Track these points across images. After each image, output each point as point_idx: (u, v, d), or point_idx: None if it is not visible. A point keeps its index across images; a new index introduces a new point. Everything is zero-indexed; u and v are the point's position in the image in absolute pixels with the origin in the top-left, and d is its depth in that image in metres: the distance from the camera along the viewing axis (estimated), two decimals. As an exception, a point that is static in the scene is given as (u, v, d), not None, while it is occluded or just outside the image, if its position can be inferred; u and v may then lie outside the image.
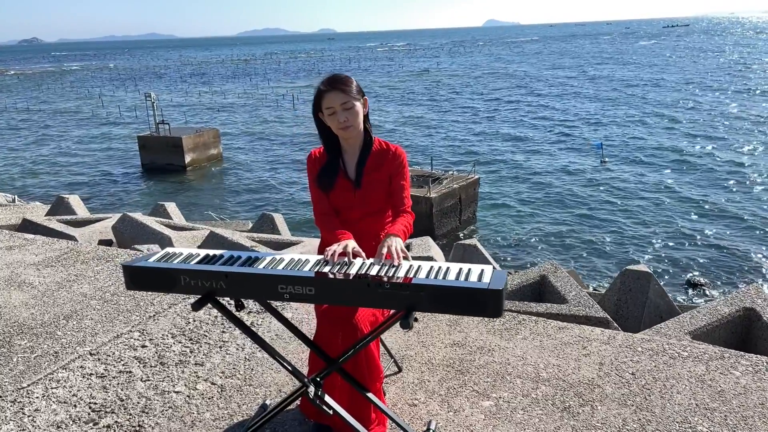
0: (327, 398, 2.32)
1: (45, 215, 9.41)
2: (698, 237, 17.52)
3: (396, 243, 2.21)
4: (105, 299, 4.08)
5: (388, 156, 2.57)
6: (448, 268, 2.13)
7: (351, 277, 2.07)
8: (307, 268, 2.18)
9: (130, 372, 3.14)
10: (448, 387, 2.91)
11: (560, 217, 19.73)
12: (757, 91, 46.11)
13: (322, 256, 2.25)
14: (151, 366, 3.20)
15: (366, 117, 2.56)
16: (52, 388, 3.02)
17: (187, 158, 28.68)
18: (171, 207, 9.66)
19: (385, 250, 2.18)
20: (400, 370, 3.07)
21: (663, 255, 16.29)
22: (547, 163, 27.32)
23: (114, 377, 3.10)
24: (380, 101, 51.05)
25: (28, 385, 3.04)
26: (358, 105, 2.46)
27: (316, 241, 8.57)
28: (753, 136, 30.80)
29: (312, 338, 2.50)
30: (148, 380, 3.06)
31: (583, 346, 3.26)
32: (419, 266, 2.16)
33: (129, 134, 37.95)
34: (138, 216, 8.64)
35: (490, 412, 2.70)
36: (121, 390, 2.98)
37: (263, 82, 72.26)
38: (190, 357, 3.27)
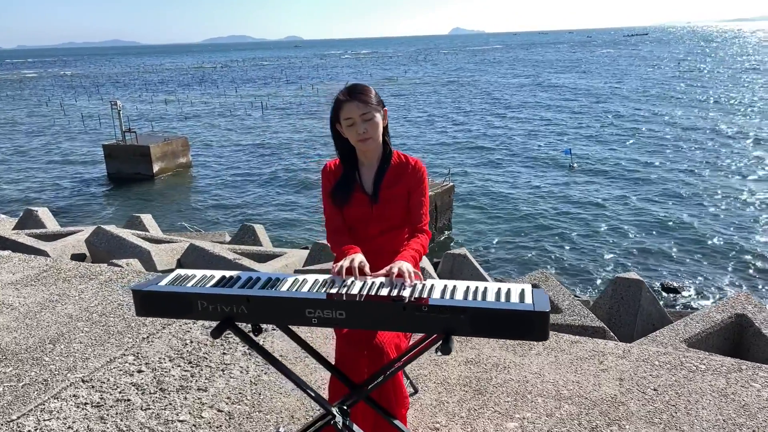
0: (355, 428, 2.18)
1: (12, 229, 9.02)
2: (671, 242, 17.82)
3: (405, 266, 2.09)
4: (93, 320, 3.86)
5: (408, 170, 2.45)
6: (486, 288, 2.03)
7: (387, 301, 1.95)
8: (333, 291, 2.06)
9: (129, 400, 2.95)
10: (469, 408, 2.80)
11: (534, 225, 19.84)
12: (716, 99, 47.50)
13: (336, 276, 2.12)
14: (150, 393, 3.01)
15: (385, 129, 2.45)
16: (44, 420, 2.81)
17: (156, 167, 28.05)
18: (147, 219, 9.36)
19: (395, 270, 2.06)
20: (416, 391, 2.94)
21: (640, 261, 16.51)
22: (516, 171, 27.53)
23: (111, 406, 2.90)
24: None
25: (18, 418, 2.83)
26: (378, 116, 2.35)
27: (301, 253, 8.39)
28: (721, 145, 31.61)
29: (332, 361, 2.37)
30: (149, 409, 2.87)
31: (600, 361, 3.19)
32: (454, 286, 2.05)
33: (93, 143, 37.03)
34: (113, 229, 8.35)
35: (516, 435, 2.60)
36: (121, 420, 2.79)
37: (231, 90, 71.46)
38: (191, 382, 3.09)
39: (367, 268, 2.14)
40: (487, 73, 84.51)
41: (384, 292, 2.03)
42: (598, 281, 15.07)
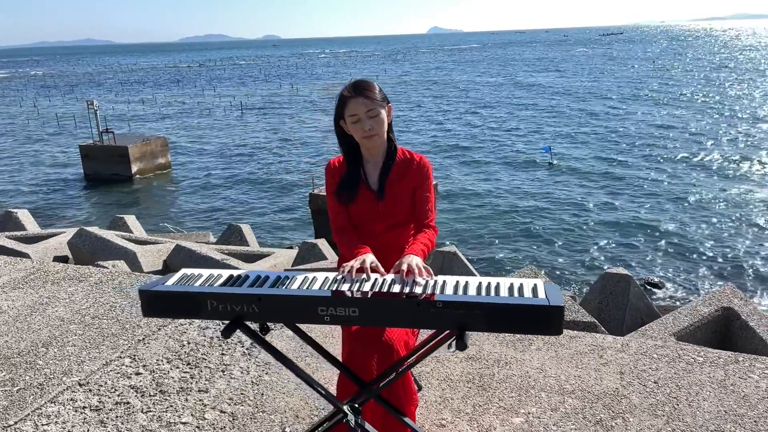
0: (367, 426, 2.17)
1: (-8, 231, 8.83)
2: (649, 238, 18.07)
3: (415, 260, 2.09)
4: (85, 323, 3.79)
5: (413, 166, 2.44)
6: (498, 283, 2.03)
7: (401, 297, 1.94)
8: (344, 288, 2.05)
9: (128, 403, 2.90)
10: (474, 404, 2.80)
11: (516, 223, 19.98)
12: (692, 94, 48.33)
13: (347, 274, 2.10)
14: (149, 395, 2.96)
15: (390, 125, 2.44)
16: (42, 424, 2.75)
17: (134, 168, 27.68)
18: (131, 220, 9.23)
19: (404, 267, 2.05)
20: (420, 388, 2.94)
21: (621, 257, 16.72)
22: (496, 170, 27.67)
23: (111, 409, 2.85)
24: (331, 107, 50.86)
25: (16, 423, 2.77)
26: (383, 113, 2.34)
27: (289, 253, 8.35)
28: (702, 137, 32.15)
29: (339, 357, 2.36)
30: (150, 411, 2.83)
31: (600, 355, 3.22)
32: (466, 282, 2.05)
33: (69, 144, 36.43)
34: (96, 230, 8.23)
35: (523, 429, 2.60)
36: (122, 423, 2.74)
37: (209, 89, 70.81)
38: (191, 383, 3.05)
39: (380, 268, 2.13)
40: (465, 73, 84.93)
41: (396, 288, 2.03)
42: (583, 277, 15.24)
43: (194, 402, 2.89)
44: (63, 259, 8.04)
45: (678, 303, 12.91)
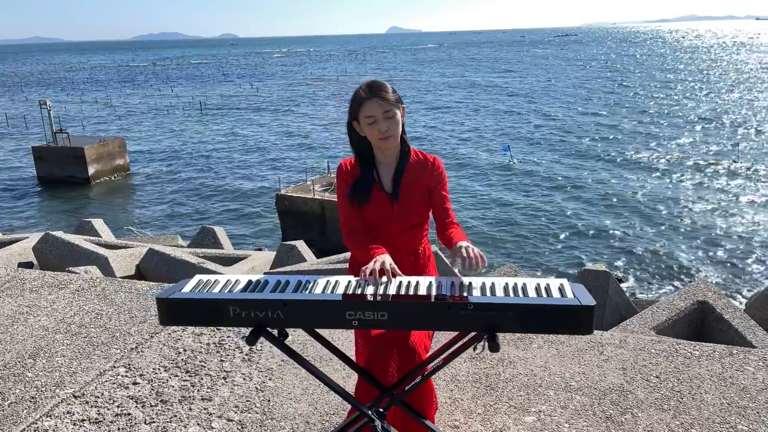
0: (393, 430, 2.15)
1: (-50, 238, 8.44)
2: (608, 235, 18.52)
3: (472, 247, 2.09)
4: (72, 332, 3.65)
5: (427, 167, 2.43)
6: (524, 284, 2.04)
7: (430, 300, 1.93)
8: (369, 291, 2.02)
9: (129, 414, 2.80)
10: (484, 404, 2.81)
11: (483, 223, 20.21)
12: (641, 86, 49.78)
13: (369, 277, 2.07)
14: (151, 405, 2.87)
15: (402, 126, 2.42)
16: (40, 440, 2.63)
17: (91, 170, 26.89)
18: (99, 224, 8.94)
19: (469, 252, 2.05)
20: (428, 389, 2.92)
21: (590, 254, 17.07)
22: (457, 171, 27.87)
23: (112, 421, 2.75)
24: (298, 105, 50.66)
25: (11, 439, 2.64)
26: (399, 114, 2.32)
27: (266, 255, 8.22)
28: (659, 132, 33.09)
29: (354, 360, 2.33)
30: (153, 422, 2.74)
31: (600, 352, 3.27)
32: (492, 283, 2.05)
33: (20, 145, 35.16)
34: (63, 235, 7.94)
35: (536, 428, 2.62)
36: (125, 436, 2.64)
37: (165, 89, 69.35)
38: (193, 392, 2.97)
39: (397, 270, 2.11)
40: (422, 74, 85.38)
41: (422, 291, 2.02)
42: (562, 275, 15.50)
43: (199, 411, 2.81)
44: (27, 266, 7.74)
45: (646, 296, 13.26)
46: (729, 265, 16.08)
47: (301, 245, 7.37)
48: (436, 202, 2.41)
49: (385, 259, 2.14)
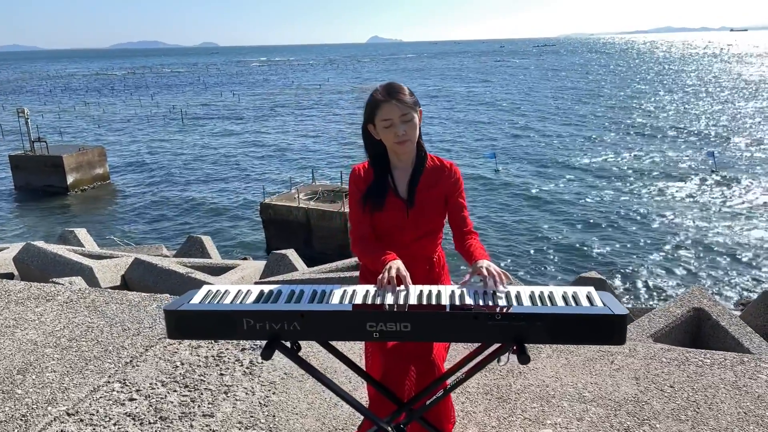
0: (413, 447, 2.06)
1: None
2: (599, 243, 18.61)
3: (493, 265, 2.01)
4: (62, 346, 3.49)
5: (444, 173, 2.34)
6: (551, 293, 1.96)
7: (456, 310, 1.85)
8: (388, 301, 1.94)
9: (127, 432, 2.67)
10: (498, 417, 2.72)
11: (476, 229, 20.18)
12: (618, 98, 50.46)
13: (387, 286, 1.99)
14: (149, 423, 2.74)
15: (419, 130, 2.34)
16: (33, 461, 2.49)
17: (70, 179, 26.42)
18: (82, 233, 8.72)
19: (489, 270, 1.97)
20: (439, 402, 2.83)
21: (579, 263, 17.11)
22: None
23: (109, 441, 2.61)
24: (280, 114, 50.43)
25: (2, 461, 2.49)
26: (416, 117, 2.24)
27: (255, 264, 8.07)
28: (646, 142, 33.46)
29: (367, 371, 2.24)
30: (153, 440, 2.61)
31: (611, 361, 3.20)
32: (518, 292, 1.97)
33: (-4, 154, 34.47)
34: (44, 245, 7.73)
35: (553, 441, 2.54)
36: (124, 456, 2.51)
37: (145, 98, 68.66)
38: (194, 408, 2.84)
39: (408, 278, 2.03)
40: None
41: (444, 301, 1.94)
42: (559, 284, 15.51)
43: (200, 428, 2.69)
44: (8, 277, 7.51)
45: (641, 305, 13.31)
46: (721, 272, 16.23)
47: (291, 254, 7.24)
48: (453, 210, 2.32)
49: (398, 265, 2.05)
